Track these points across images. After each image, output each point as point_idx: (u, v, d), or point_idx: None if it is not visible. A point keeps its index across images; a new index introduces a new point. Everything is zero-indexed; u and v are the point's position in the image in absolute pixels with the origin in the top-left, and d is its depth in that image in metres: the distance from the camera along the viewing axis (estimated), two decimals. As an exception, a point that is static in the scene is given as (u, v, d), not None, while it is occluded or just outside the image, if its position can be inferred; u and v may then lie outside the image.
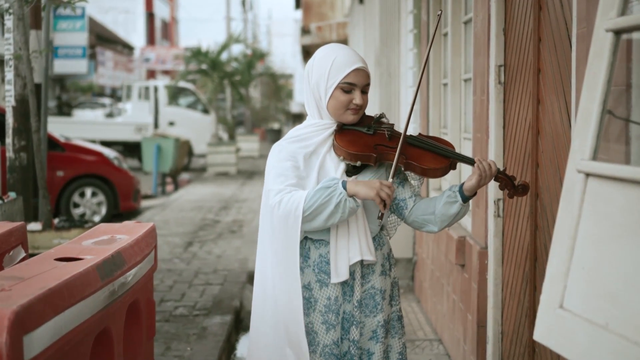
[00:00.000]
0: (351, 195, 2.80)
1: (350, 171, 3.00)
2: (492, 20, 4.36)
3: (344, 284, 2.96)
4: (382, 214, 2.86)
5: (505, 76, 4.31)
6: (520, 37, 4.04)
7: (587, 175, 1.92)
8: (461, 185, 2.99)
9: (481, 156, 4.65)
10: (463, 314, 5.03)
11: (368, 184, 2.82)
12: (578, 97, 3.01)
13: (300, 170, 2.92)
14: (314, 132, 3.00)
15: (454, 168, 3.07)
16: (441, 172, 3.03)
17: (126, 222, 3.55)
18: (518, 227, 4.11)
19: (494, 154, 4.39)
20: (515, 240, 4.17)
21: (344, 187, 2.80)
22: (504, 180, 3.03)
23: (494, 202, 4.39)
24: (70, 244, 3.10)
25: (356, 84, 2.94)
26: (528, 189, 3.05)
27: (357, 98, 2.95)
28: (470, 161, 3.01)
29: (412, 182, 3.15)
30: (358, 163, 2.97)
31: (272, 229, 2.86)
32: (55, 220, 7.07)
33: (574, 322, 1.84)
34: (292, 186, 2.85)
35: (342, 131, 3.01)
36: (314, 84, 2.98)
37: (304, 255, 2.97)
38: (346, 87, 2.94)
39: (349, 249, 2.93)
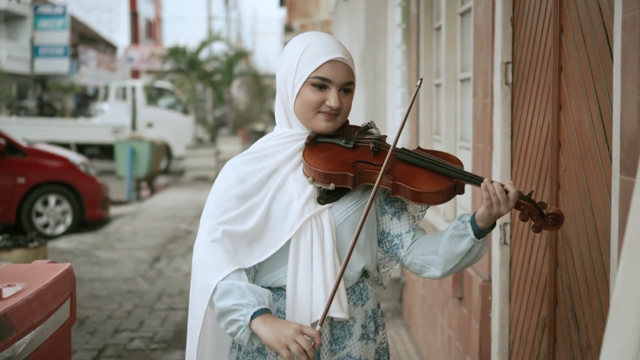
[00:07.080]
0: (254, 330, 2.02)
1: (323, 198, 2.24)
2: (498, 8, 3.66)
3: (306, 349, 2.19)
4: None
5: (514, 75, 3.59)
6: (534, 28, 3.30)
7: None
8: (473, 215, 2.21)
9: (483, 172, 3.93)
10: (461, 355, 4.28)
11: (279, 329, 2.00)
12: (624, 103, 2.26)
13: (251, 197, 2.19)
14: (281, 147, 2.25)
15: (461, 192, 2.26)
16: (442, 197, 2.22)
17: (37, 262, 2.77)
18: (531, 260, 3.37)
19: (499, 169, 3.66)
20: (527, 274, 3.43)
21: (254, 316, 2.02)
22: (528, 207, 2.20)
23: (500, 226, 3.67)
24: (-54, 298, 2.32)
25: (332, 79, 2.18)
26: (561, 221, 2.22)
27: (331, 99, 2.18)
28: (477, 181, 2.22)
29: (413, 212, 2.37)
30: (331, 186, 2.20)
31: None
32: (-2, 238, 6.26)
33: None
34: (229, 223, 2.15)
35: (314, 145, 2.26)
36: (281, 80, 2.24)
37: None
38: (317, 82, 2.18)
39: (312, 301, 2.17)
